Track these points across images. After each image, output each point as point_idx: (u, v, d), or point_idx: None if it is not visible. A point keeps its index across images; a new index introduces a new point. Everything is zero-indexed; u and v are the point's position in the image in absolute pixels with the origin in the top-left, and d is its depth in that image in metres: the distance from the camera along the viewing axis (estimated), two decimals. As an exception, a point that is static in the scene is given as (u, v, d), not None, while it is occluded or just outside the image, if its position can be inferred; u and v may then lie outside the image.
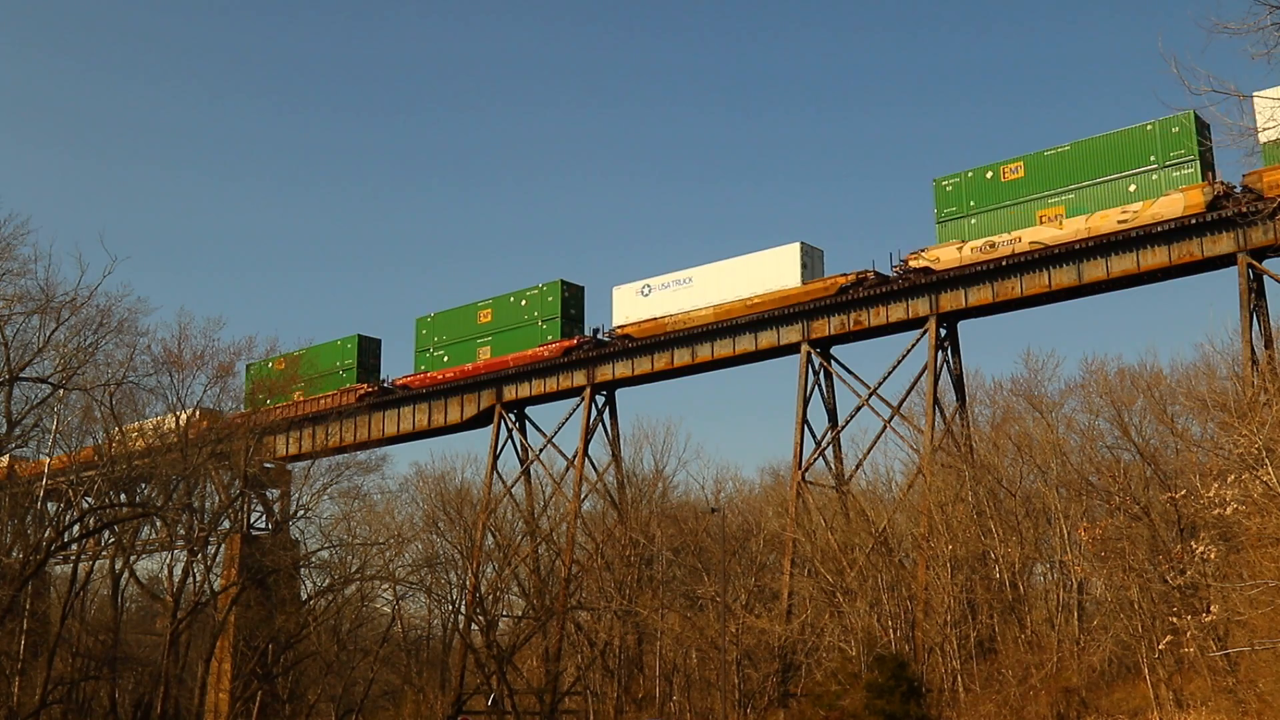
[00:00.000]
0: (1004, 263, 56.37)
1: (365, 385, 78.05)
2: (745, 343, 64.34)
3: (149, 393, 58.59)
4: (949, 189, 57.99)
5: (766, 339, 63.71)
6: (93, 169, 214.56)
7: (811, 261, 62.40)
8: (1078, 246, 54.53)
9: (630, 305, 67.72)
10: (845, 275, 60.64)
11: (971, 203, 57.11)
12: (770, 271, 62.65)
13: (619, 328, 68.06)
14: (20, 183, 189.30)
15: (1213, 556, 36.23)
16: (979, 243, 56.26)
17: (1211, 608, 35.30)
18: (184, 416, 63.54)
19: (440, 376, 74.66)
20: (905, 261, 58.76)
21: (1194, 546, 36.46)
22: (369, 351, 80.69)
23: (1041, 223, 54.91)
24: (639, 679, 66.60)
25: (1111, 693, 46.30)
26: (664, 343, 66.73)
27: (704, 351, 65.58)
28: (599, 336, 69.69)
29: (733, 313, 63.62)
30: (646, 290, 67.17)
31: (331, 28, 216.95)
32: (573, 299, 71.88)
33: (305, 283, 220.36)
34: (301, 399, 78.64)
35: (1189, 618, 37.25)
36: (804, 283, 61.61)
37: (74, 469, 58.71)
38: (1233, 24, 17.34)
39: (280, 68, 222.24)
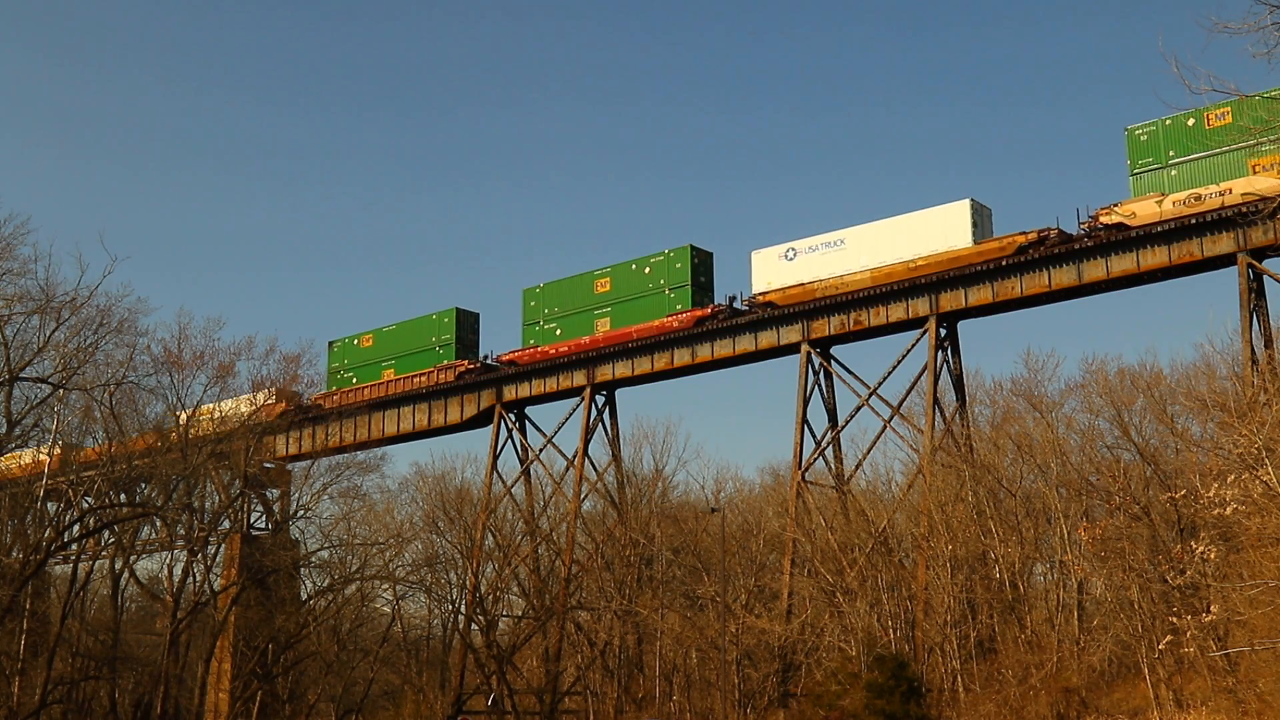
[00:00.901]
0: (1004, 262, 56.40)
1: (466, 361, 74.02)
2: (745, 343, 64.30)
3: (149, 393, 58.60)
4: (1143, 138, 53.40)
5: (766, 339, 63.68)
6: (93, 169, 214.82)
7: (982, 220, 57.80)
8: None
9: (772, 270, 62.70)
10: (1024, 234, 55.91)
11: (1171, 152, 52.57)
12: (936, 231, 57.77)
13: (760, 295, 62.97)
14: (20, 183, 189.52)
15: (1213, 556, 36.27)
16: (1182, 195, 51.74)
17: (1211, 608, 35.34)
18: (261, 397, 66.45)
19: (553, 351, 70.27)
20: (1095, 217, 54.13)
21: (1194, 546, 36.51)
22: (467, 326, 76.06)
23: (1255, 172, 50.12)
24: (639, 679, 66.61)
25: (1111, 693, 46.33)
26: (663, 343, 66.67)
27: (704, 351, 65.53)
28: (735, 305, 64.63)
29: (894, 276, 58.93)
30: (790, 254, 62.20)
31: (331, 28, 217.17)
32: (702, 265, 66.77)
33: (306, 282, 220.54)
34: (393, 377, 76.16)
35: (1189, 618, 37.25)
36: (976, 242, 56.86)
37: (74, 469, 58.73)
38: (1233, 24, 17.39)
39: (280, 68, 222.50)
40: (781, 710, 56.46)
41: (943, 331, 59.48)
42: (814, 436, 62.78)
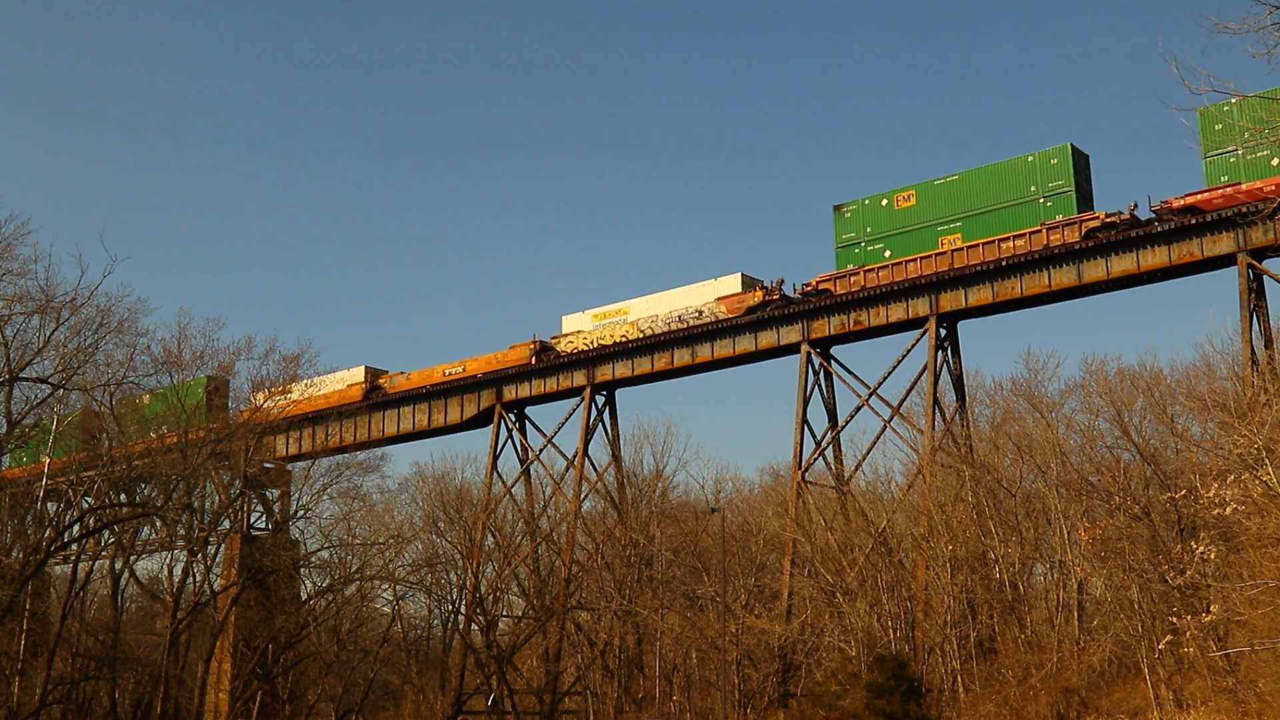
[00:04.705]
0: (1004, 263, 56.40)
1: (1100, 215, 54.47)
2: (745, 343, 64.30)
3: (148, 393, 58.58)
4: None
5: (766, 339, 63.68)
6: (93, 169, 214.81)
7: None
8: (1078, 246, 54.15)
9: None
10: None
11: None
12: None
13: None
14: (20, 183, 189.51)
15: (1213, 556, 36.32)
16: None
17: (1211, 608, 35.37)
18: (729, 282, 64.44)
19: (1266, 189, 49.51)
20: None
21: (1194, 546, 36.57)
22: (1082, 171, 56.52)
23: None
24: (639, 679, 66.62)
25: (1111, 693, 46.31)
26: (664, 343, 66.66)
27: (704, 351, 65.54)
28: None
29: None
30: None
31: (331, 28, 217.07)
32: None
33: (305, 282, 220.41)
34: (959, 244, 58.12)
35: (1189, 618, 37.30)
36: None
37: (74, 469, 58.73)
38: (1233, 24, 17.37)
39: (280, 68, 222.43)
40: (781, 710, 56.44)
41: (943, 331, 59.49)
42: (814, 436, 62.85)
